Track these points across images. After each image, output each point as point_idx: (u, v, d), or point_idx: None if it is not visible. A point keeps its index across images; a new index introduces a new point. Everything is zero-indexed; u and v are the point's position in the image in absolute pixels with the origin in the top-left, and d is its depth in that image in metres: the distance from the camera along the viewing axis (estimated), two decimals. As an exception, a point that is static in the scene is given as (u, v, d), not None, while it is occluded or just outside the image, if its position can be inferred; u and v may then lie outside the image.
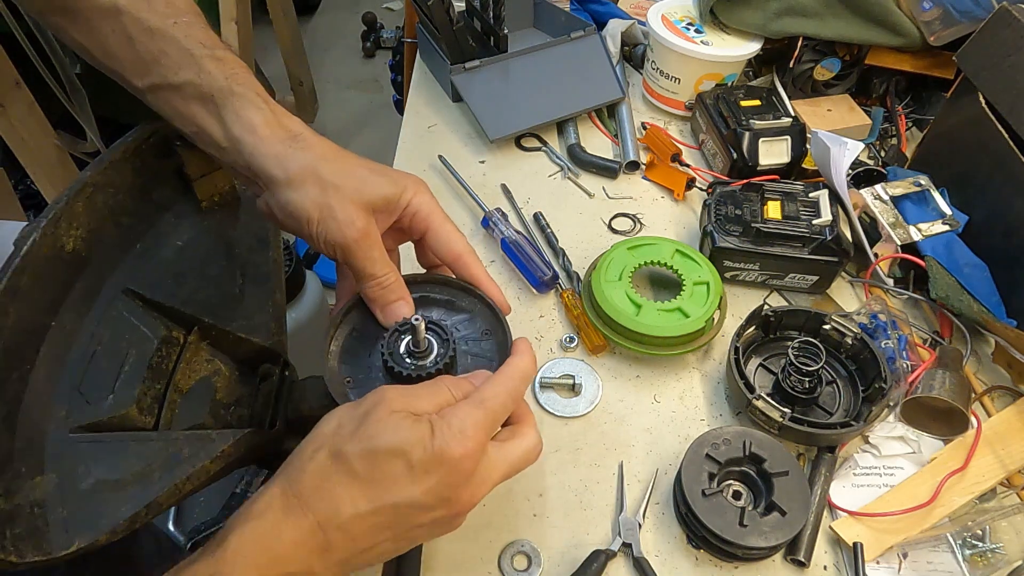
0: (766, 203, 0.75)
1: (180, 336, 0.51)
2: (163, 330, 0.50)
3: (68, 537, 0.39)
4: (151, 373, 0.47)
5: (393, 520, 0.40)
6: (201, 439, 0.45)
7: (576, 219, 0.85)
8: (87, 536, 0.40)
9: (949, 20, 0.85)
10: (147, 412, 0.46)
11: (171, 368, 0.49)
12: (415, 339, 0.47)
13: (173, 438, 0.45)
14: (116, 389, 0.45)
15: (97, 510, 0.41)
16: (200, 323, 0.52)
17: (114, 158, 0.50)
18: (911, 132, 0.96)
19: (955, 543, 0.57)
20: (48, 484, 0.41)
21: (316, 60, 2.67)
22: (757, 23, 0.91)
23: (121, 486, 0.42)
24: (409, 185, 0.50)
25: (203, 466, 0.44)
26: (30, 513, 0.39)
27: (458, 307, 0.54)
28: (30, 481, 0.40)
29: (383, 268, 0.48)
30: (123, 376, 0.46)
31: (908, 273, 0.76)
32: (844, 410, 0.64)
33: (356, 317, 0.52)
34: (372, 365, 0.50)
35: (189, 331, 0.52)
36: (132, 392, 0.46)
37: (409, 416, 0.40)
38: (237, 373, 0.54)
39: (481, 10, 0.97)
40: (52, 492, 0.40)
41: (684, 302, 0.68)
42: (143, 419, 0.46)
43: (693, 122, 0.97)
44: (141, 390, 0.46)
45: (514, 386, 0.44)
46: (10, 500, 0.39)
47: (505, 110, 0.93)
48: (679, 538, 0.58)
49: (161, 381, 0.48)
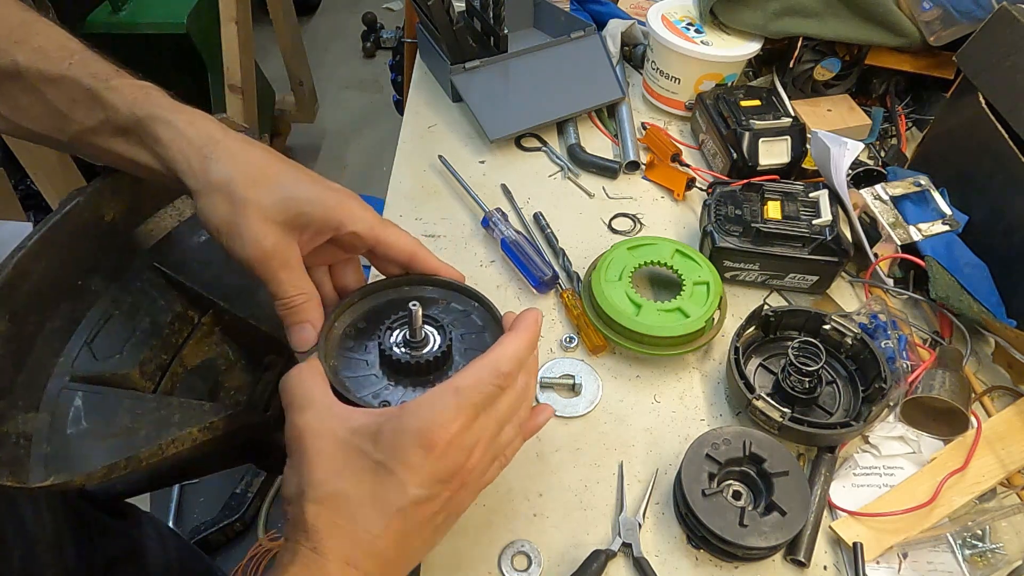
0: (766, 203, 0.75)
1: (195, 316, 0.54)
2: (180, 307, 0.52)
3: (45, 472, 0.41)
4: (160, 343, 0.50)
5: (409, 524, 0.40)
6: (193, 407, 0.47)
7: (576, 219, 0.85)
8: (63, 475, 0.41)
9: (949, 20, 0.85)
10: (148, 378, 0.49)
11: (180, 343, 0.52)
12: (412, 327, 0.48)
13: (166, 403, 0.47)
14: (124, 351, 0.48)
15: (78, 454, 0.42)
16: (216, 307, 0.54)
17: None
18: (911, 132, 0.96)
19: (955, 543, 0.57)
20: (39, 422, 0.43)
21: (316, 60, 2.67)
22: (757, 23, 0.91)
23: (106, 436, 0.44)
24: (341, 206, 0.47)
25: (190, 432, 0.46)
26: (15, 443, 0.41)
27: (453, 307, 0.54)
28: (23, 415, 0.42)
29: (290, 290, 0.46)
30: (133, 340, 0.49)
31: (908, 273, 0.76)
32: (844, 410, 0.64)
33: (352, 314, 0.52)
34: (369, 360, 0.50)
35: (204, 313, 0.54)
36: (137, 356, 0.48)
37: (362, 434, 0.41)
38: (243, 361, 0.55)
39: (481, 10, 0.97)
40: (41, 429, 0.43)
41: (684, 302, 0.68)
42: (143, 383, 0.48)
43: (693, 122, 0.97)
44: (147, 356, 0.48)
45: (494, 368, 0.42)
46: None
47: (505, 110, 0.93)
48: (679, 538, 0.58)
49: (168, 352, 0.51)
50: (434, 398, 0.41)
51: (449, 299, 0.54)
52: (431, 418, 0.40)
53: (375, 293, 0.54)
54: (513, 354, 0.43)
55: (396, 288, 0.54)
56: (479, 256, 0.81)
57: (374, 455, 0.40)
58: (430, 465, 0.39)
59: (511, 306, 0.75)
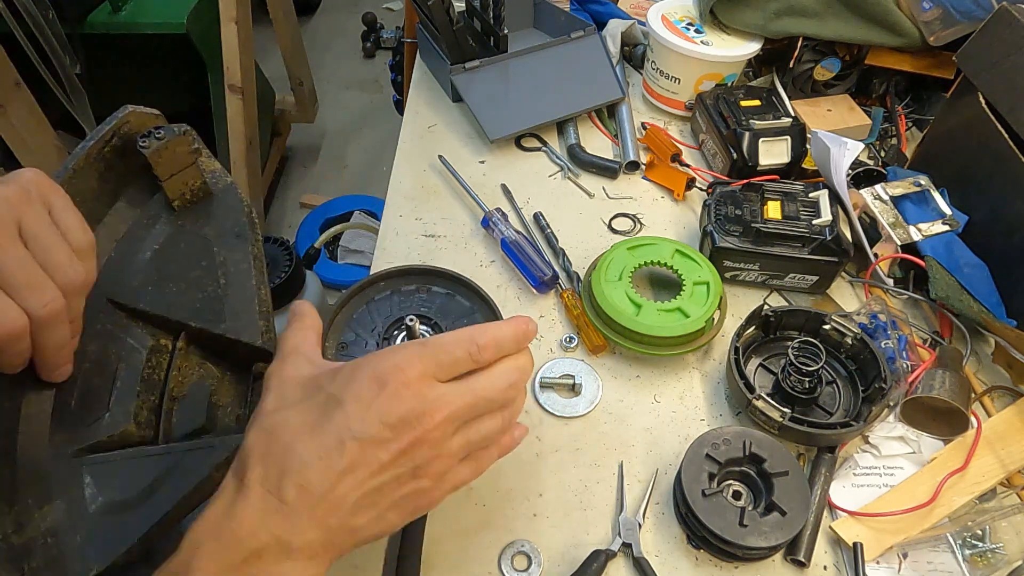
0: (766, 203, 0.75)
1: (168, 343, 0.49)
2: (151, 339, 0.48)
3: (86, 564, 0.39)
4: (144, 386, 0.46)
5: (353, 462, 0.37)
6: (203, 448, 0.44)
7: (576, 219, 0.85)
8: (103, 559, 0.39)
9: (949, 20, 0.85)
10: (145, 426, 0.45)
11: (163, 377, 0.48)
12: (411, 338, 0.47)
13: (175, 450, 0.44)
14: (111, 406, 0.44)
15: (109, 532, 0.40)
16: (187, 328, 0.50)
17: (77, 165, 0.47)
18: (911, 132, 0.96)
19: (955, 543, 0.57)
20: (57, 512, 0.40)
21: (316, 60, 2.68)
22: (757, 23, 0.91)
23: (129, 505, 0.41)
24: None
25: (209, 475, 0.43)
26: (44, 544, 0.38)
27: (457, 301, 0.54)
28: (39, 511, 0.39)
29: None
30: (116, 392, 0.45)
31: (908, 273, 0.76)
32: (844, 410, 0.64)
33: (348, 319, 0.52)
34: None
35: (177, 337, 0.50)
36: (128, 407, 0.44)
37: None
38: (230, 374, 0.53)
39: (481, 10, 0.97)
40: (62, 519, 0.40)
41: (684, 302, 0.68)
42: (142, 433, 0.45)
43: (693, 122, 0.97)
44: (137, 405, 0.45)
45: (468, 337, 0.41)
46: (23, 534, 0.38)
47: (505, 110, 0.93)
48: (679, 538, 0.58)
49: (155, 392, 0.47)
50: (401, 346, 0.40)
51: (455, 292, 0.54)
52: (390, 358, 0.39)
53: (372, 286, 0.53)
54: (493, 333, 0.42)
55: (398, 279, 0.53)
56: (479, 256, 0.81)
57: (328, 388, 0.39)
58: (381, 402, 0.38)
59: (511, 306, 0.75)
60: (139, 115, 0.50)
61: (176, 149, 0.50)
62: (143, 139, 0.49)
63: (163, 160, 0.50)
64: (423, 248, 0.81)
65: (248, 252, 0.54)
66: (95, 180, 0.49)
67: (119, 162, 0.51)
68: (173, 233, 0.53)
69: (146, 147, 0.49)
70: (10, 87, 1.35)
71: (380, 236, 0.83)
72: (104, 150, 0.49)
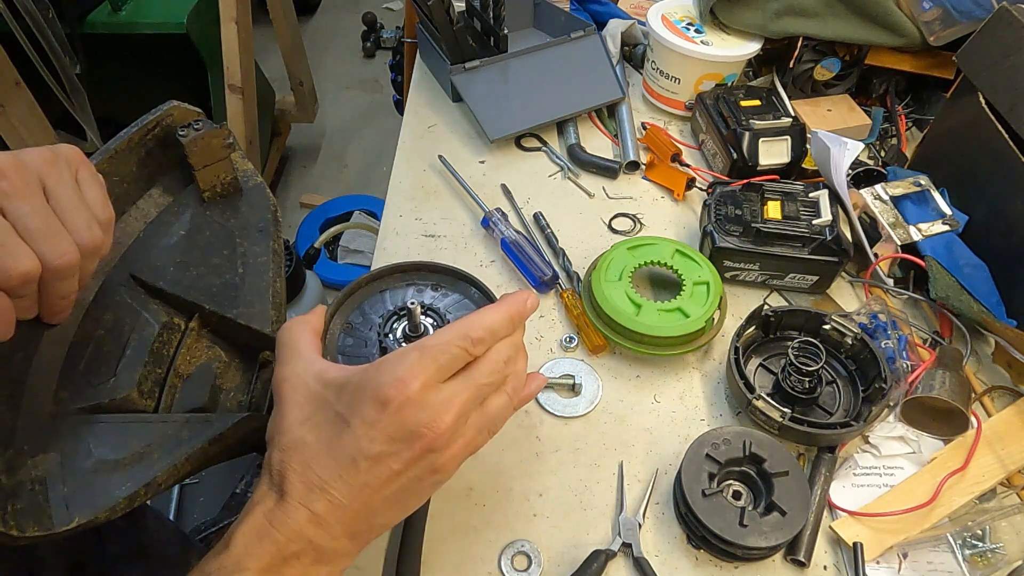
0: (766, 203, 0.75)
1: (181, 323, 0.52)
2: (165, 316, 0.51)
3: (68, 513, 0.40)
4: (152, 358, 0.48)
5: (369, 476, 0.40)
6: (200, 422, 0.46)
7: (576, 219, 0.85)
8: (87, 513, 0.40)
9: (949, 20, 0.85)
10: (148, 396, 0.47)
11: (172, 353, 0.50)
12: (412, 323, 0.48)
13: (173, 421, 0.46)
14: (118, 372, 0.47)
15: (97, 488, 0.42)
16: (201, 310, 0.53)
17: (119, 148, 0.51)
18: (911, 132, 0.96)
19: (955, 543, 0.57)
20: (50, 462, 0.42)
21: (316, 60, 2.67)
22: (757, 23, 0.91)
23: (121, 466, 0.43)
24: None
25: (201, 447, 0.45)
26: (31, 490, 0.40)
27: (450, 292, 0.55)
28: (32, 459, 0.41)
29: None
30: (125, 360, 0.47)
31: (908, 273, 0.76)
32: (844, 410, 0.64)
33: (349, 310, 0.53)
34: (370, 355, 0.51)
35: (190, 318, 0.53)
36: (133, 376, 0.47)
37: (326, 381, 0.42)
38: (237, 360, 0.55)
39: (481, 10, 0.97)
40: (54, 470, 0.41)
41: (684, 302, 0.68)
42: (144, 402, 0.47)
43: (693, 122, 0.97)
44: (142, 374, 0.47)
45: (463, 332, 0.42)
46: (12, 476, 0.40)
47: (505, 110, 0.93)
48: (679, 538, 0.58)
49: (162, 366, 0.49)
50: (400, 355, 0.41)
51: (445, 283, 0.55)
52: (391, 373, 0.40)
53: (371, 284, 0.54)
54: (487, 323, 0.43)
55: (391, 277, 0.54)
56: (479, 256, 0.81)
57: (336, 406, 0.41)
58: (385, 420, 0.39)
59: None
60: (182, 110, 0.54)
61: (211, 142, 0.54)
62: (182, 129, 0.53)
63: (198, 150, 0.54)
64: (423, 248, 0.81)
65: (269, 247, 0.57)
66: (134, 164, 0.53)
67: (159, 151, 0.55)
68: (200, 222, 0.57)
69: (184, 136, 0.53)
70: (10, 87, 1.35)
71: (380, 236, 0.83)
72: (147, 137, 0.53)
